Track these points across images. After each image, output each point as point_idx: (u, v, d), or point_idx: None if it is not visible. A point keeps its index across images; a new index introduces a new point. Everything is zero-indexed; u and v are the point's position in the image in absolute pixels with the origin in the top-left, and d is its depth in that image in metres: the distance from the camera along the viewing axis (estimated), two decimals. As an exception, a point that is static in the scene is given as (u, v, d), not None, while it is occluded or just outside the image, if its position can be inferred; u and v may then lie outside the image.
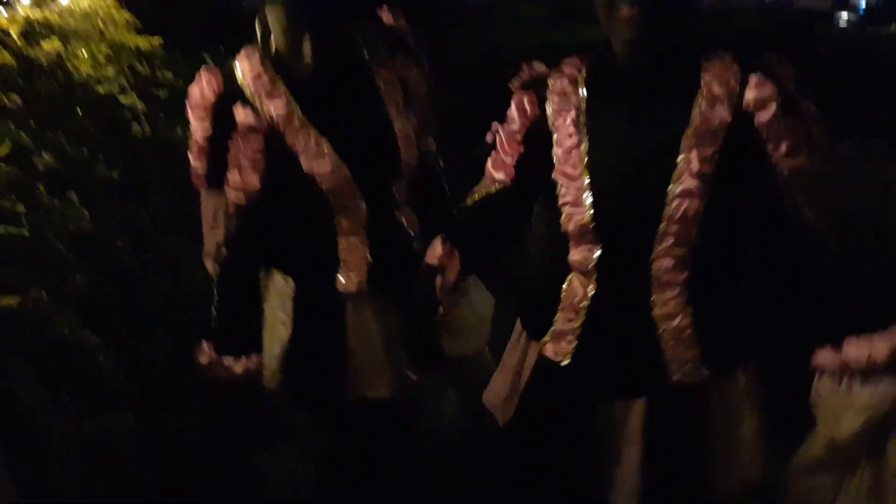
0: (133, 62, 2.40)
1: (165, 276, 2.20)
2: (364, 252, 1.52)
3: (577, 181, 1.27)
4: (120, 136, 2.23)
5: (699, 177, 1.19)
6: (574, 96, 1.29)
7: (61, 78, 2.04)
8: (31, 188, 1.37)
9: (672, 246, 1.23)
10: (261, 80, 1.41)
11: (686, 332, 1.29)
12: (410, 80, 1.57)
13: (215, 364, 1.51)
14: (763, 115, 1.17)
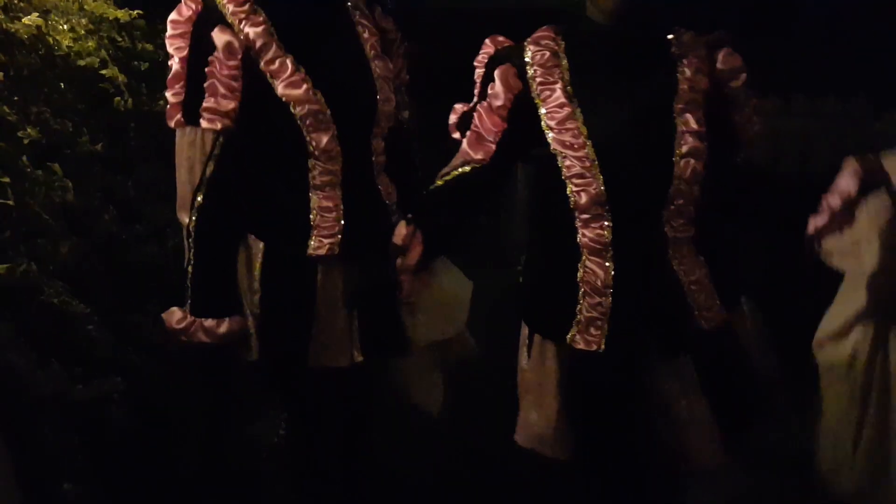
0: (113, 35, 2.40)
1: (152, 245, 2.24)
2: (338, 215, 1.50)
3: (580, 151, 1.29)
4: (102, 109, 2.24)
5: (699, 137, 1.28)
6: (557, 68, 1.33)
7: (42, 52, 2.05)
8: (15, 160, 1.40)
9: (683, 204, 1.33)
10: (240, 4, 1.41)
11: (705, 282, 1.39)
12: (388, 33, 1.59)
13: (193, 327, 1.47)
14: (735, 83, 1.29)
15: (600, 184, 1.30)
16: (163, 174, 2.41)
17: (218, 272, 1.51)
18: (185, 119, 1.44)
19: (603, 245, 1.34)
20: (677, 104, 1.29)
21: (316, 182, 1.48)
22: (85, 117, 2.13)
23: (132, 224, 2.18)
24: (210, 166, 1.44)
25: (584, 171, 1.30)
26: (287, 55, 1.41)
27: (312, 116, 1.42)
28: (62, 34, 2.17)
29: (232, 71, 1.39)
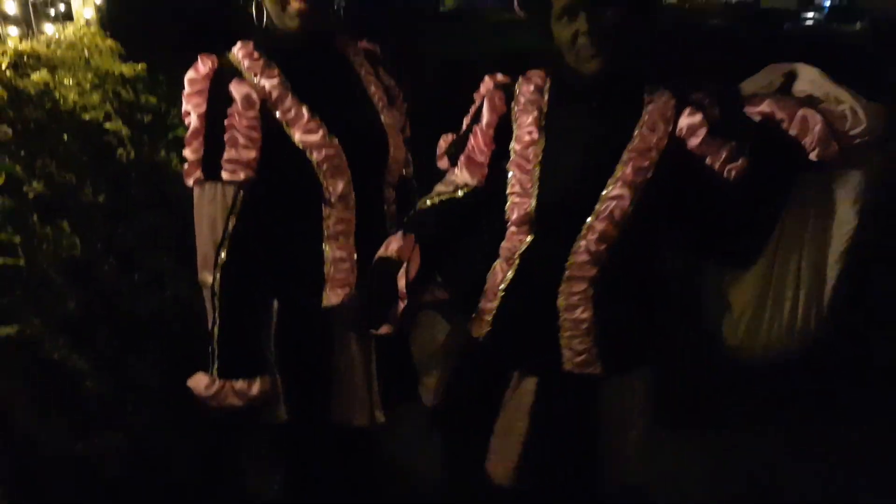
0: (118, 88, 2.46)
1: (151, 293, 2.26)
2: (351, 265, 1.52)
3: (528, 174, 1.43)
4: (105, 160, 2.29)
5: (630, 185, 1.37)
6: (538, 101, 1.46)
7: (49, 106, 2.10)
8: (26, 218, 1.42)
9: (594, 241, 1.39)
10: (255, 59, 1.45)
11: (584, 325, 1.45)
12: (391, 90, 1.65)
13: (224, 391, 1.46)
14: (693, 140, 1.36)
15: (533, 201, 1.42)
16: (162, 223, 2.46)
17: (246, 330, 1.50)
18: (206, 174, 1.45)
19: (512, 254, 1.47)
20: (626, 153, 1.38)
21: (330, 231, 1.50)
22: (88, 169, 2.17)
23: (131, 273, 2.22)
24: (232, 221, 1.44)
25: (523, 189, 1.43)
26: (302, 104, 1.45)
27: (329, 162, 1.45)
28: (69, 89, 2.23)
29: (251, 122, 1.41)
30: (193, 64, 1.45)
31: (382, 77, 1.64)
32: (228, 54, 1.48)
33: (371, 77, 1.59)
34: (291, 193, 1.49)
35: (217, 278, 1.46)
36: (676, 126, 1.38)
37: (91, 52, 2.47)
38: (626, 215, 1.37)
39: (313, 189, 1.47)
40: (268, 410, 1.56)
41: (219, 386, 1.47)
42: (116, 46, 2.68)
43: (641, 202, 1.37)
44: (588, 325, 1.44)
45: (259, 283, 1.52)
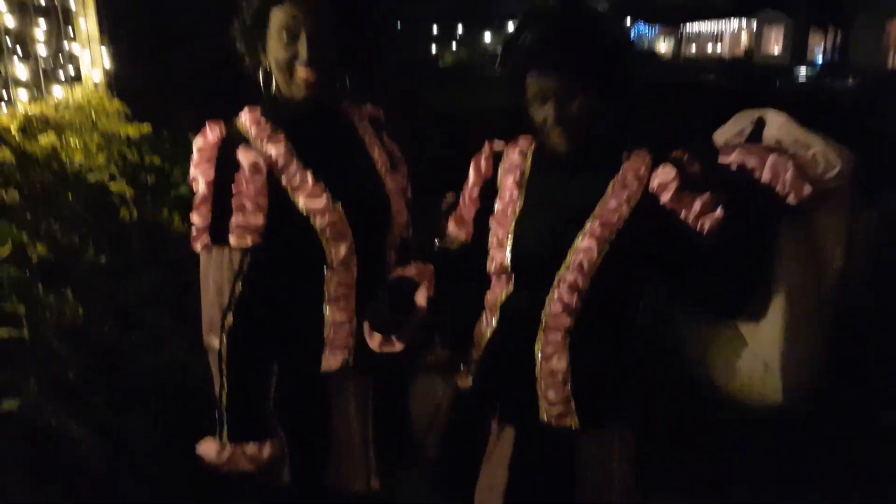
0: (123, 149, 2.51)
1: (150, 352, 2.27)
2: (351, 328, 1.52)
3: (504, 227, 1.51)
4: (108, 221, 2.32)
5: (598, 239, 1.42)
6: (522, 164, 1.55)
7: (56, 168, 2.14)
8: (30, 287, 1.43)
9: (566, 291, 1.44)
10: (262, 126, 1.48)
11: (559, 375, 1.48)
12: (395, 156, 1.67)
13: (235, 456, 1.46)
14: (665, 196, 1.41)
15: (508, 252, 1.49)
16: (162, 282, 2.48)
17: (254, 394, 1.50)
18: (213, 240, 1.45)
19: (494, 304, 1.54)
20: (597, 208, 1.44)
21: (331, 294, 1.51)
22: (91, 229, 2.21)
23: (130, 333, 2.22)
24: (238, 285, 1.45)
25: (500, 242, 1.51)
26: (307, 170, 1.47)
27: (332, 227, 1.47)
28: (75, 150, 2.27)
29: (258, 188, 1.43)
30: (202, 131, 1.48)
31: (386, 142, 1.67)
32: (236, 120, 1.50)
33: (375, 142, 1.63)
34: (295, 257, 1.51)
35: (224, 342, 1.46)
36: (650, 184, 1.43)
37: (98, 114, 2.53)
38: (594, 267, 1.42)
39: (316, 253, 1.49)
40: (273, 473, 1.54)
41: (230, 451, 1.46)
42: (123, 108, 2.74)
43: (610, 255, 1.42)
44: (563, 375, 1.47)
45: (266, 346, 1.52)
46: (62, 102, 2.45)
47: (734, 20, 43.69)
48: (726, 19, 44.50)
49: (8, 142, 1.94)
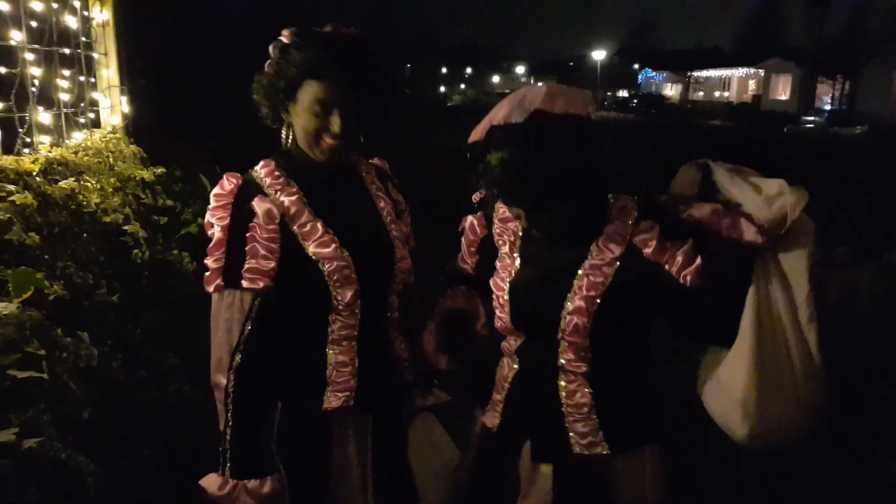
0: (138, 192, 2.62)
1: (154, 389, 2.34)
2: (353, 369, 1.59)
3: (502, 291, 1.60)
4: (120, 260, 2.42)
5: (586, 299, 1.49)
6: (513, 228, 1.62)
7: (73, 209, 2.25)
8: (50, 331, 1.51)
9: (570, 346, 1.52)
10: (276, 178, 1.57)
11: (584, 409, 1.55)
12: (399, 204, 1.77)
13: (237, 491, 1.51)
14: (647, 249, 1.49)
15: (508, 319, 1.60)
16: (169, 321, 2.57)
17: (257, 431, 1.56)
18: (226, 283, 1.52)
19: (511, 352, 1.64)
20: (583, 267, 1.51)
21: (334, 336, 1.58)
22: (104, 268, 2.30)
23: (137, 369, 2.30)
24: (248, 326, 1.52)
25: (500, 305, 1.61)
26: (317, 220, 1.56)
27: (339, 273, 1.54)
28: (92, 192, 2.38)
29: (271, 234, 1.52)
30: (220, 182, 1.57)
31: (391, 192, 1.76)
32: (252, 171, 1.60)
33: (381, 193, 1.71)
34: (303, 301, 1.58)
35: (231, 380, 1.52)
36: (634, 237, 1.51)
37: (115, 158, 2.65)
38: (589, 325, 1.50)
39: (323, 297, 1.56)
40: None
41: (231, 486, 1.51)
42: (139, 152, 2.86)
43: (602, 309, 1.50)
44: (589, 408, 1.54)
45: (270, 386, 1.59)
46: (81, 146, 2.57)
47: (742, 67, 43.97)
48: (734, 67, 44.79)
49: (30, 185, 2.05)
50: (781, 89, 39.97)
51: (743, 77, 45.08)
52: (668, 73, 53.92)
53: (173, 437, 2.25)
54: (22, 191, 1.98)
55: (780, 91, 39.99)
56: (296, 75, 1.51)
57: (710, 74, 48.57)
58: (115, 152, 2.68)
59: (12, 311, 1.40)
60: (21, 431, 1.27)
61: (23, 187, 2.01)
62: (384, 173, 1.79)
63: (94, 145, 2.61)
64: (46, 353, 1.43)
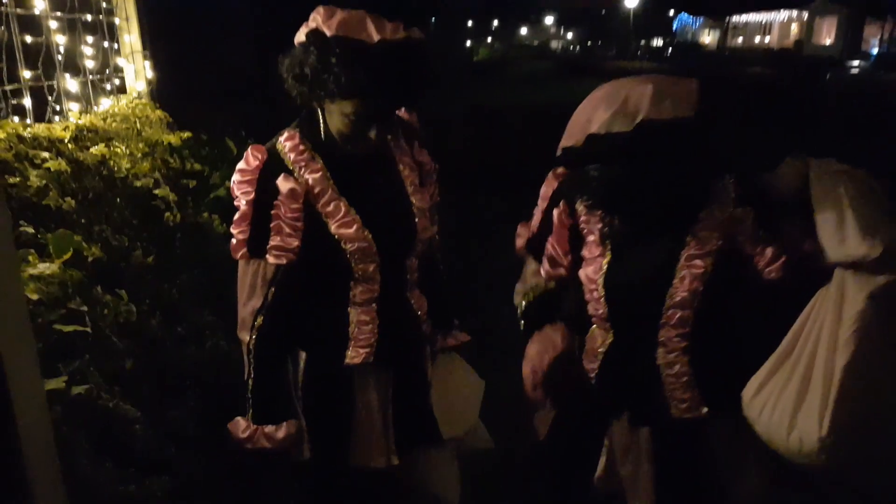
0: (166, 157, 2.68)
1: (192, 345, 2.43)
2: (374, 328, 1.65)
3: (595, 284, 1.57)
4: (153, 223, 2.49)
5: (690, 291, 1.47)
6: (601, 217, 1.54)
7: (105, 175, 2.31)
8: (90, 289, 1.59)
9: (673, 331, 1.51)
10: (301, 154, 1.57)
11: (684, 378, 1.55)
12: (425, 165, 1.76)
13: (257, 435, 1.62)
14: (741, 238, 1.44)
15: (603, 309, 1.57)
16: (203, 280, 2.65)
17: (274, 383, 1.66)
18: (251, 253, 1.58)
19: (603, 319, 1.61)
20: (686, 251, 1.48)
21: (356, 300, 1.64)
22: (138, 231, 2.38)
23: (175, 327, 2.39)
24: (271, 292, 1.59)
25: (594, 298, 1.58)
26: (341, 198, 1.58)
27: (361, 251, 1.59)
28: (122, 158, 2.44)
29: (295, 213, 1.55)
30: (245, 155, 1.59)
31: (417, 153, 1.75)
32: (277, 143, 1.60)
33: (406, 158, 1.70)
34: (325, 271, 1.63)
35: (253, 339, 1.61)
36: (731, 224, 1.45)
37: (142, 123, 2.70)
38: (691, 317, 1.49)
39: (344, 269, 1.61)
40: (294, 450, 1.71)
41: (252, 430, 1.62)
42: (165, 117, 2.91)
43: (705, 297, 1.47)
44: (688, 378, 1.54)
45: (289, 341, 1.67)
46: (109, 113, 2.62)
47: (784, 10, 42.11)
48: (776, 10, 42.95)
49: (63, 152, 2.12)
50: (826, 33, 38.24)
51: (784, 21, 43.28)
52: (705, 19, 52.12)
53: (213, 388, 2.35)
54: (55, 157, 2.04)
55: (825, 35, 38.26)
56: (336, 92, 1.46)
57: (750, 19, 46.79)
58: (142, 118, 2.73)
59: (55, 271, 1.47)
60: (69, 380, 1.35)
61: (55, 154, 2.08)
62: (412, 129, 1.77)
63: (121, 111, 2.67)
64: (88, 309, 1.50)
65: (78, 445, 1.36)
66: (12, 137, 1.92)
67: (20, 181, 1.82)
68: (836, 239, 1.29)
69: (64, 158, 2.08)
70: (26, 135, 1.99)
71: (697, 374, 1.54)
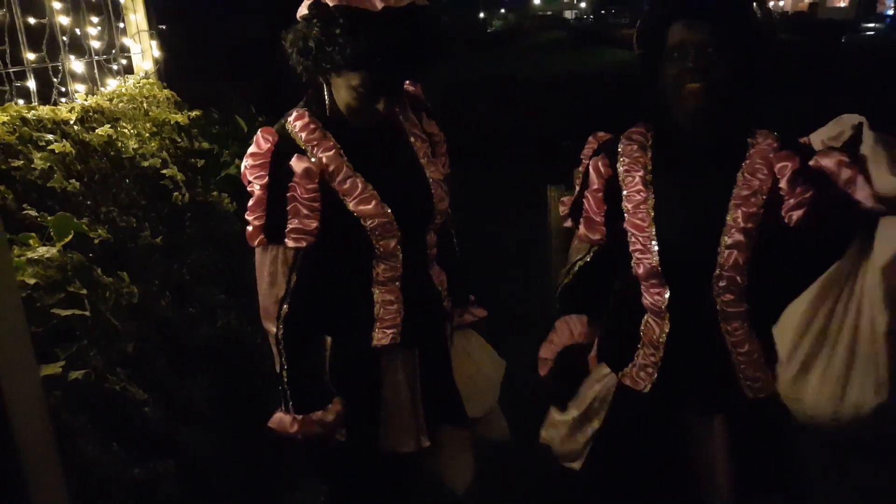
0: (174, 136, 2.67)
1: (203, 325, 2.44)
2: (399, 307, 1.63)
3: (645, 231, 1.51)
4: (162, 203, 2.49)
5: (744, 232, 1.43)
6: (642, 158, 1.55)
7: (112, 156, 2.31)
8: (91, 272, 1.59)
9: (728, 285, 1.47)
10: (312, 133, 1.54)
11: (755, 356, 1.52)
12: (434, 136, 1.74)
13: (306, 425, 1.59)
14: (782, 180, 1.42)
15: (655, 258, 1.50)
16: (213, 259, 2.65)
17: (310, 369, 1.63)
18: (268, 239, 1.54)
19: (660, 308, 1.55)
20: (732, 200, 1.46)
21: (380, 279, 1.61)
22: (146, 212, 2.37)
23: (185, 306, 2.40)
24: (293, 278, 1.56)
25: (643, 247, 1.52)
26: (356, 174, 1.55)
27: (381, 227, 1.56)
28: (129, 138, 2.43)
29: (311, 193, 1.51)
30: (255, 138, 1.56)
31: (426, 124, 1.72)
32: (286, 123, 1.57)
33: (416, 130, 1.68)
34: (346, 251, 1.61)
35: (280, 328, 1.58)
36: (775, 169, 1.44)
37: (149, 103, 2.69)
38: (749, 259, 1.44)
39: (365, 247, 1.59)
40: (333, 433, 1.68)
41: (300, 422, 1.59)
42: (173, 96, 2.90)
43: (759, 243, 1.44)
44: (759, 354, 1.51)
45: (317, 327, 1.65)
46: (116, 93, 2.61)
47: (798, -29, 41.22)
48: (790, -29, 42.07)
49: (69, 134, 2.11)
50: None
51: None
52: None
53: (226, 368, 2.36)
54: (60, 139, 2.04)
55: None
56: (342, 64, 1.43)
57: (764, -19, 45.73)
58: (149, 97, 2.72)
59: (54, 255, 1.47)
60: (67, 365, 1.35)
61: (61, 136, 2.07)
62: (419, 101, 1.75)
63: (128, 92, 2.66)
64: (88, 292, 1.50)
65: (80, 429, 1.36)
66: (16, 120, 1.91)
67: (24, 164, 1.81)
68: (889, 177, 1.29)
69: (69, 140, 2.07)
70: (30, 117, 1.98)
71: (766, 348, 1.49)
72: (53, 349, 1.37)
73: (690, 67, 1.40)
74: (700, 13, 1.41)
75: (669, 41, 1.44)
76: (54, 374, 1.30)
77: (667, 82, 1.45)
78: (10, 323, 0.92)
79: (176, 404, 2.02)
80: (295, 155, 1.52)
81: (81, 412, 1.38)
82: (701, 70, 1.39)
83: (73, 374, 1.34)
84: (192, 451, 1.85)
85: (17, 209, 1.67)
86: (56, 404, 1.31)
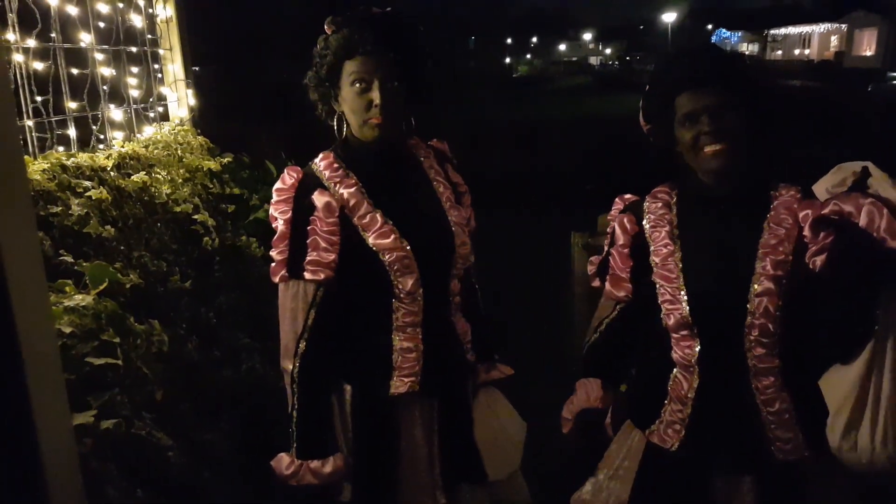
0: (206, 182, 2.74)
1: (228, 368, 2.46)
2: (418, 354, 1.62)
3: (673, 282, 1.53)
4: (192, 247, 2.54)
5: (774, 279, 1.44)
6: (668, 215, 1.59)
7: (146, 201, 2.37)
8: (124, 320, 1.62)
9: (760, 336, 1.46)
10: (335, 170, 1.61)
11: (786, 416, 1.49)
12: (459, 186, 1.77)
13: (302, 471, 1.59)
14: (805, 227, 1.41)
15: (685, 308, 1.51)
16: (240, 303, 2.69)
17: (320, 414, 1.63)
18: (290, 274, 1.58)
19: (690, 362, 1.54)
20: (760, 249, 1.47)
21: (399, 323, 1.62)
22: (177, 256, 2.42)
23: (211, 349, 2.42)
24: (311, 315, 1.58)
25: (673, 297, 1.53)
26: (376, 210, 1.59)
27: (399, 262, 1.58)
28: (162, 183, 2.50)
29: (331, 227, 1.56)
30: (281, 176, 1.63)
31: (451, 175, 1.77)
32: (311, 164, 1.65)
33: (440, 178, 1.73)
34: (365, 289, 1.63)
35: (296, 366, 1.60)
36: (799, 213, 1.46)
37: (183, 150, 2.76)
38: (779, 307, 1.45)
39: (384, 286, 1.60)
40: (334, 489, 1.67)
41: (297, 466, 1.59)
42: (206, 142, 2.98)
43: (789, 293, 1.45)
44: (791, 414, 1.49)
45: (334, 369, 1.66)
46: (151, 140, 2.69)
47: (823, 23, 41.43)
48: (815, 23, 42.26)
49: (105, 180, 2.17)
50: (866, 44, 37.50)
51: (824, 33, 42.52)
52: (743, 33, 51.41)
53: (249, 413, 2.37)
54: (98, 186, 2.10)
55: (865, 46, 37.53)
56: (334, 59, 1.56)
57: (790, 31, 45.99)
58: (184, 144, 2.79)
59: (89, 303, 1.51)
60: (98, 413, 1.38)
61: (98, 182, 2.14)
62: (443, 155, 1.80)
63: (163, 138, 2.74)
64: (121, 340, 1.53)
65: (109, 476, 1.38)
66: (56, 167, 1.97)
67: (62, 210, 1.87)
68: None
69: (106, 186, 2.13)
70: (69, 164, 2.05)
71: (799, 409, 1.48)
72: (86, 397, 1.40)
73: (707, 130, 1.45)
74: (702, 82, 1.47)
75: (679, 111, 1.49)
76: (86, 423, 1.32)
77: (685, 146, 1.50)
78: (48, 372, 0.95)
79: (198, 449, 2.03)
80: (317, 190, 1.58)
81: (110, 460, 1.39)
82: (717, 131, 1.45)
83: (104, 424, 1.36)
84: (214, 496, 1.85)
85: (54, 255, 1.72)
86: (86, 452, 1.33)
